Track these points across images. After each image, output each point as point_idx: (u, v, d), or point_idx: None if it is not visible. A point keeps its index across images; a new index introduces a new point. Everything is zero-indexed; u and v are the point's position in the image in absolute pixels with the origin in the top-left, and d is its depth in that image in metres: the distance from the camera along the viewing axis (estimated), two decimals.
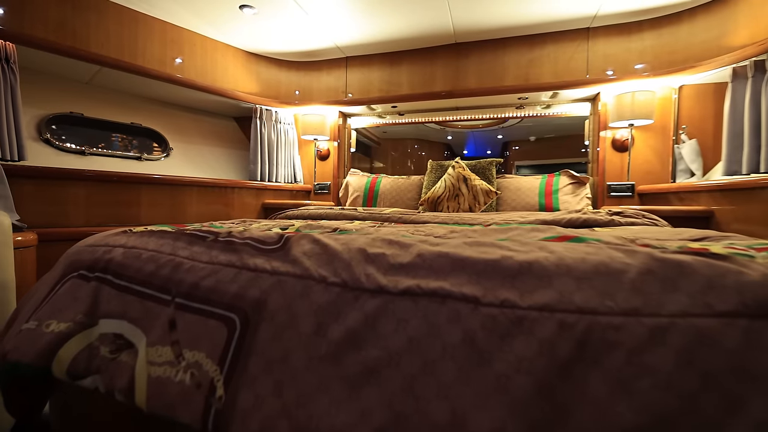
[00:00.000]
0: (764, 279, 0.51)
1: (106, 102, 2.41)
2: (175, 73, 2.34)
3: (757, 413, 0.45)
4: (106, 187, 1.98)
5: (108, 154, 2.30)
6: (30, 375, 0.75)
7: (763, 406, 0.45)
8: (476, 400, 0.54)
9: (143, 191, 2.12)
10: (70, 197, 1.86)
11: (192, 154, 2.75)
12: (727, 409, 0.46)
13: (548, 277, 0.59)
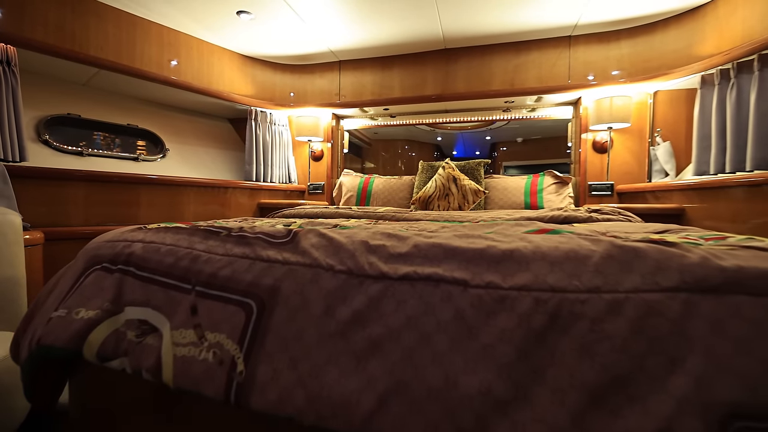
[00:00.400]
0: (702, 261, 0.62)
1: (103, 103, 2.45)
2: (172, 76, 2.40)
3: (693, 369, 0.55)
4: (105, 187, 2.03)
5: (106, 155, 2.34)
6: (62, 358, 0.82)
7: (698, 363, 0.55)
8: (466, 366, 0.63)
9: (142, 191, 2.17)
10: (71, 197, 1.91)
11: (188, 155, 2.80)
12: (669, 367, 0.56)
13: (526, 262, 0.69)
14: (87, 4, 2.02)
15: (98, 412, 0.95)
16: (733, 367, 0.54)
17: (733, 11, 2.00)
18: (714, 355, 0.55)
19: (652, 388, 0.56)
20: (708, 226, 2.03)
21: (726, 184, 1.91)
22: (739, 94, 1.96)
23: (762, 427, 0.50)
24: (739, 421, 0.51)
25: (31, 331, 0.89)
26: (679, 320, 0.58)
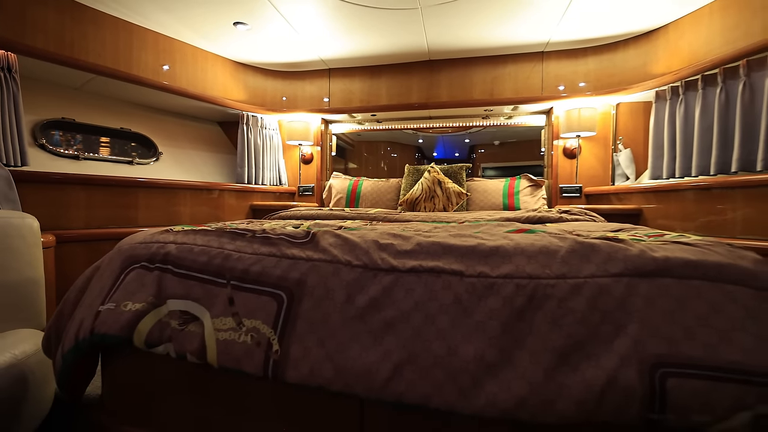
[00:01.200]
0: (640, 253, 0.81)
1: (96, 107, 2.49)
2: (168, 82, 2.46)
3: (632, 333, 0.74)
4: (105, 190, 2.09)
5: (101, 158, 2.38)
6: (114, 344, 0.93)
7: (635, 329, 0.74)
8: (463, 338, 0.80)
9: (140, 194, 2.24)
10: (72, 201, 1.96)
11: (180, 158, 2.86)
12: (615, 332, 0.75)
13: (509, 256, 0.87)
14: (85, 13, 2.07)
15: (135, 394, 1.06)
16: (660, 330, 0.73)
17: (681, 35, 2.27)
18: (647, 323, 0.74)
19: (603, 348, 0.74)
20: (662, 225, 2.31)
21: (676, 187, 2.18)
22: (686, 109, 2.23)
23: (677, 371, 0.69)
24: (662, 368, 0.70)
25: (75, 325, 1.00)
26: (623, 298, 0.77)
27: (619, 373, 0.71)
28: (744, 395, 0.66)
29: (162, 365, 1.01)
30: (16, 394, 1.06)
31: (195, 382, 1.00)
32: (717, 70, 2.06)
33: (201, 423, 0.99)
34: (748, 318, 0.71)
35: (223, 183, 2.79)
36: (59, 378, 1.08)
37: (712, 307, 0.73)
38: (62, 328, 1.13)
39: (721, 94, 2.04)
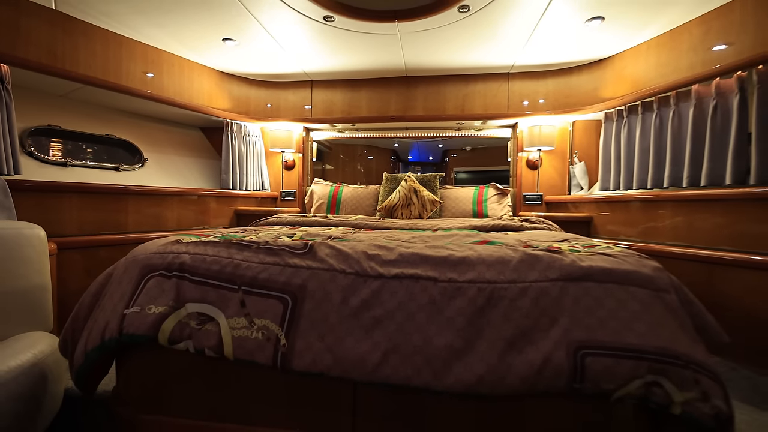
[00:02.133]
0: (571, 262, 1.06)
1: (80, 114, 2.53)
2: (156, 92, 2.54)
3: (563, 324, 0.98)
4: (96, 197, 2.16)
5: (88, 165, 2.43)
6: (140, 343, 1.08)
7: (566, 321, 0.98)
8: (437, 331, 1.01)
9: (130, 201, 2.32)
10: (65, 208, 2.03)
11: (165, 164, 2.93)
12: (550, 324, 0.98)
13: (473, 265, 1.09)
14: (77, 25, 2.13)
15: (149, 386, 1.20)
16: (582, 322, 0.97)
17: (626, 66, 2.60)
18: (573, 316, 0.98)
19: (541, 336, 0.97)
20: (609, 230, 2.63)
21: (621, 199, 2.51)
22: (629, 130, 2.56)
23: (593, 351, 0.93)
24: (583, 350, 0.93)
25: (99, 326, 1.13)
26: (557, 297, 1.01)
27: (552, 355, 0.94)
28: (638, 368, 0.91)
29: (174, 359, 1.16)
30: (38, 389, 1.18)
31: (205, 373, 1.16)
32: (653, 99, 2.39)
33: (212, 409, 1.16)
34: (644, 312, 0.97)
35: (208, 189, 2.88)
36: (78, 374, 1.21)
37: (619, 304, 0.98)
38: (78, 330, 1.26)
39: (656, 119, 2.37)
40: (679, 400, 0.88)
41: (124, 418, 1.21)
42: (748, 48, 1.87)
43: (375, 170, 4.97)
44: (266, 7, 2.03)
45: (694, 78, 2.12)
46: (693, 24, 2.14)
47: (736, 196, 1.83)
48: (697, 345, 0.95)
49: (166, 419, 1.18)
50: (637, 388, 0.90)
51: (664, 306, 0.98)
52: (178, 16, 2.14)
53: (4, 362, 1.11)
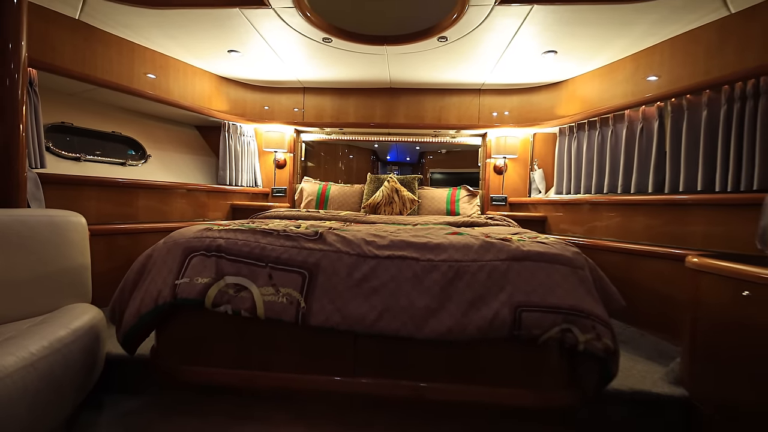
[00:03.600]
0: (516, 247, 1.45)
1: (89, 112, 2.72)
2: (162, 95, 2.77)
3: (508, 290, 1.36)
4: (111, 190, 2.39)
5: (99, 160, 2.64)
6: (189, 306, 1.38)
7: (510, 288, 1.36)
8: (418, 296, 1.38)
9: (140, 194, 2.55)
10: (84, 199, 2.25)
11: (165, 160, 3.15)
12: (499, 290, 1.37)
13: (445, 249, 1.46)
14: (95, 33, 2.34)
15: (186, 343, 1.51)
16: (521, 289, 1.36)
17: (577, 88, 3.07)
18: (515, 285, 1.37)
19: (492, 299, 1.36)
20: (561, 228, 3.09)
21: (570, 202, 2.97)
22: (578, 144, 3.04)
23: (527, 309, 1.32)
24: (520, 308, 1.32)
25: (152, 294, 1.42)
26: (505, 272, 1.40)
27: (500, 312, 1.33)
28: (556, 319, 1.31)
29: (209, 321, 1.47)
30: (95, 348, 1.45)
31: (234, 330, 1.47)
32: (597, 119, 2.87)
33: (241, 359, 1.48)
34: (564, 282, 1.37)
35: (208, 184, 3.13)
36: (126, 335, 1.49)
37: (547, 276, 1.38)
38: (125, 301, 1.55)
39: (599, 136, 2.85)
40: (582, 340, 1.29)
41: (165, 369, 1.51)
42: (666, 83, 2.36)
43: (356, 168, 5.26)
44: (272, 27, 2.32)
45: (627, 105, 2.60)
46: (627, 60, 2.62)
47: (654, 202, 2.31)
48: (597, 304, 1.36)
49: (202, 368, 1.49)
50: (556, 332, 1.31)
51: (577, 278, 1.40)
52: (190, 30, 2.39)
53: (72, 324, 1.38)
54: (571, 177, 3.11)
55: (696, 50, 2.18)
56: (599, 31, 2.27)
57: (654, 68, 2.43)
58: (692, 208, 2.12)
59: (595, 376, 1.37)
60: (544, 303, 1.33)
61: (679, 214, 2.17)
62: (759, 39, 1.89)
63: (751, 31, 1.93)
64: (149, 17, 2.20)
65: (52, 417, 1.22)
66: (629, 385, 1.61)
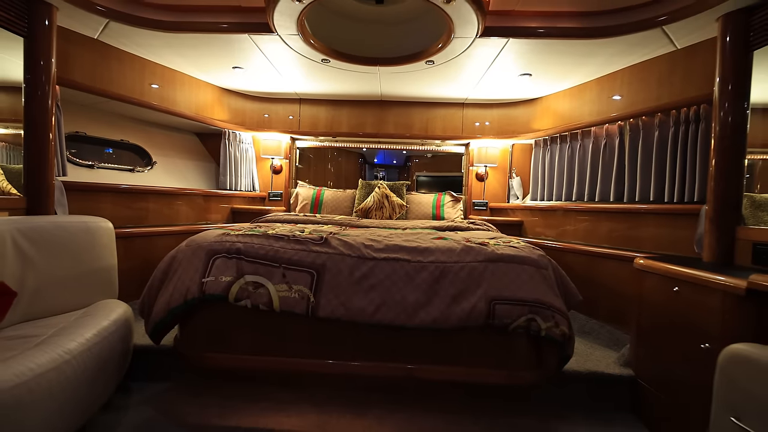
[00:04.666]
0: (492, 251, 1.73)
1: (98, 121, 2.89)
2: (169, 106, 2.96)
3: (485, 286, 1.64)
4: (124, 196, 2.58)
5: (110, 167, 2.82)
6: (215, 301, 1.61)
7: (486, 284, 1.64)
8: (410, 292, 1.64)
9: (150, 199, 2.74)
10: (100, 204, 2.44)
11: (169, 166, 3.33)
12: (477, 286, 1.65)
13: (432, 252, 1.74)
14: (111, 51, 2.52)
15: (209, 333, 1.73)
16: (494, 285, 1.64)
17: (550, 105, 3.39)
18: (490, 282, 1.65)
19: (471, 293, 1.63)
20: (536, 232, 3.41)
21: (544, 208, 3.29)
22: (551, 155, 3.36)
23: (499, 302, 1.60)
24: (494, 301, 1.61)
25: (180, 291, 1.65)
26: (482, 271, 1.68)
27: (477, 305, 1.61)
28: (523, 310, 1.59)
29: (230, 314, 1.70)
30: (128, 337, 1.67)
31: (252, 322, 1.71)
32: (567, 133, 3.19)
33: (257, 345, 1.72)
34: (530, 279, 1.66)
35: (210, 189, 3.33)
36: (155, 327, 1.71)
37: (516, 275, 1.67)
38: (153, 297, 1.77)
39: (569, 149, 3.18)
40: (544, 327, 1.58)
41: (190, 356, 1.74)
42: (625, 105, 2.69)
43: (344, 170, 5.47)
44: (275, 48, 2.54)
45: (593, 122, 2.93)
46: (593, 83, 2.95)
47: (615, 210, 2.64)
48: (556, 298, 1.66)
49: (223, 354, 1.72)
50: (523, 321, 1.59)
51: (541, 277, 1.69)
52: (200, 49, 2.60)
53: (111, 316, 1.59)
54: (545, 185, 3.43)
55: (649, 78, 2.51)
56: (567, 58, 2.58)
57: (615, 91, 2.76)
58: (646, 216, 2.45)
59: (555, 358, 1.67)
60: (513, 297, 1.61)
61: (636, 221, 2.51)
62: (699, 72, 2.22)
63: (694, 65, 2.26)
64: (164, 39, 2.40)
65: (101, 393, 1.44)
66: (588, 367, 1.92)
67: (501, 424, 1.69)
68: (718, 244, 1.86)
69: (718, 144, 1.87)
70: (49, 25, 2.02)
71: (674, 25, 2.02)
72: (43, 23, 1.99)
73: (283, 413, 1.70)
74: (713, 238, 1.88)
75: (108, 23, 2.21)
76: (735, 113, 1.83)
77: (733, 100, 1.84)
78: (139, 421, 1.62)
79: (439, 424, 1.67)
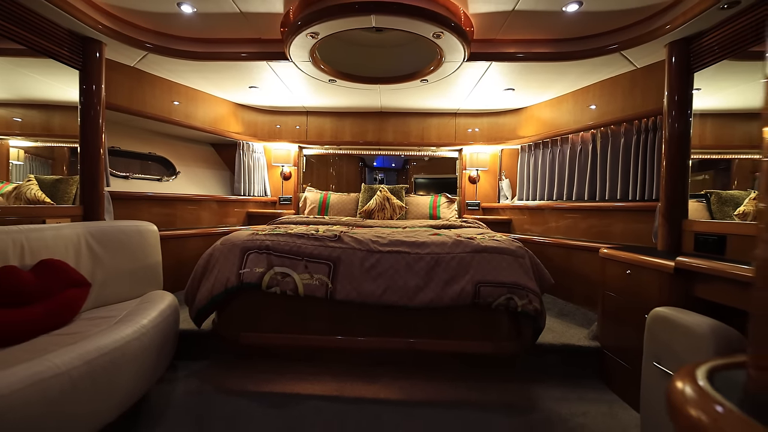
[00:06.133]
0: (477, 243, 2.10)
1: (126, 135, 3.24)
2: (191, 122, 3.32)
3: (472, 272, 2.00)
4: (158, 203, 2.93)
5: (142, 177, 3.17)
6: (250, 288, 1.97)
7: (473, 270, 2.00)
8: (410, 278, 2.00)
9: (178, 205, 3.09)
10: (139, 210, 2.79)
11: (190, 175, 3.68)
12: (465, 272, 2.01)
13: (428, 245, 2.10)
14: (145, 76, 2.88)
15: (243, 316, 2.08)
16: (479, 271, 2.00)
17: (533, 114, 3.76)
18: (476, 269, 2.01)
19: (461, 278, 1.99)
20: (524, 228, 3.77)
21: (530, 207, 3.66)
22: (534, 160, 3.73)
23: (484, 285, 1.96)
24: (480, 284, 1.97)
25: (221, 281, 2.00)
26: (469, 260, 2.03)
27: (465, 287, 1.97)
28: (503, 291, 1.95)
29: (261, 299, 2.05)
30: (177, 320, 2.01)
31: (280, 305, 2.06)
32: (549, 140, 3.56)
33: (284, 325, 2.07)
34: (509, 266, 2.02)
35: (228, 196, 3.68)
36: (198, 312, 2.06)
37: (497, 263, 2.03)
38: (196, 287, 2.12)
39: (550, 154, 3.54)
40: (520, 304, 1.94)
41: (227, 336, 2.08)
42: (597, 116, 3.06)
43: (345, 173, 5.82)
44: (287, 70, 2.90)
45: (570, 130, 3.30)
46: (569, 96, 3.32)
47: (589, 208, 3.01)
48: (531, 281, 2.01)
49: (256, 334, 2.07)
50: (503, 300, 1.95)
51: (518, 264, 2.05)
52: (222, 73, 2.96)
53: (164, 302, 1.94)
54: (530, 186, 3.80)
55: (616, 92, 2.89)
56: (543, 76, 2.95)
57: (589, 102, 3.13)
58: (614, 213, 2.82)
59: (530, 330, 2.03)
60: (495, 280, 1.97)
61: (607, 217, 2.87)
62: (655, 88, 2.59)
63: (651, 82, 2.63)
64: (192, 65, 2.75)
65: (163, 363, 1.79)
66: (563, 341, 2.28)
67: (490, 387, 2.04)
68: (669, 235, 2.22)
69: (667, 149, 2.24)
70: (99, 58, 2.38)
71: (631, 50, 2.39)
72: (94, 57, 2.35)
73: (306, 382, 2.05)
74: (665, 230, 2.25)
75: (146, 54, 2.57)
76: (680, 123, 2.20)
77: (678, 113, 2.21)
78: (189, 389, 1.96)
79: (438, 388, 2.02)
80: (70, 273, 1.75)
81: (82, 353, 1.27)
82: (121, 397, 1.41)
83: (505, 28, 2.39)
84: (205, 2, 2.11)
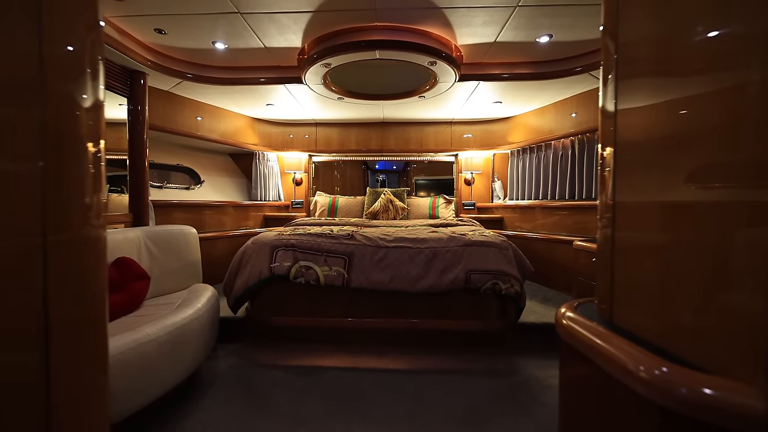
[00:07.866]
0: (468, 238, 2.50)
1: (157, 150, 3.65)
2: (213, 136, 3.73)
3: (463, 263, 2.40)
4: (189, 209, 3.34)
5: (173, 186, 3.57)
6: (279, 279, 2.37)
7: (465, 260, 2.40)
8: (412, 268, 2.40)
9: (206, 211, 3.50)
10: (174, 215, 3.20)
11: (212, 183, 4.09)
12: (458, 263, 2.41)
13: (427, 241, 2.50)
14: (177, 98, 3.29)
15: (271, 303, 2.49)
16: (470, 261, 2.40)
17: (521, 122, 4.16)
18: (468, 259, 2.41)
19: (454, 268, 2.39)
20: (514, 226, 4.17)
21: (520, 206, 4.06)
22: (523, 163, 4.13)
23: (474, 272, 2.36)
24: (470, 272, 2.37)
25: (255, 273, 2.40)
26: (461, 253, 2.43)
27: (458, 275, 2.37)
28: (489, 277, 2.35)
29: (288, 288, 2.45)
30: (218, 308, 2.41)
31: (305, 293, 2.46)
32: (534, 145, 3.96)
33: (308, 309, 2.47)
34: (495, 257, 2.42)
35: (246, 201, 4.09)
36: (236, 300, 2.47)
37: (485, 254, 2.43)
38: (232, 280, 2.52)
39: (536, 158, 3.94)
40: (504, 288, 2.34)
41: (260, 320, 2.49)
42: (575, 125, 3.46)
43: (349, 176, 6.21)
44: (301, 90, 3.30)
45: (553, 137, 3.70)
46: (551, 107, 3.72)
47: (570, 206, 3.41)
48: (513, 268, 2.41)
49: (283, 317, 2.47)
50: (490, 285, 2.35)
51: (502, 254, 2.45)
52: (243, 94, 3.36)
53: (207, 293, 2.34)
54: (520, 187, 4.20)
55: (590, 104, 3.29)
56: (526, 92, 3.35)
57: (569, 112, 3.53)
58: (590, 210, 3.21)
59: (513, 309, 2.43)
60: (483, 269, 2.37)
61: (585, 214, 3.27)
62: None
63: None
64: (217, 89, 3.16)
65: (210, 343, 2.19)
66: (543, 321, 2.68)
67: (482, 359, 2.44)
68: None
69: None
70: (143, 86, 2.79)
71: (596, 70, 2.79)
72: (139, 84, 2.76)
73: (326, 357, 2.45)
74: None
75: (181, 81, 2.97)
76: None
77: None
78: (230, 364, 2.37)
79: (438, 360, 2.42)
80: (137, 268, 2.15)
81: (165, 326, 1.68)
82: (189, 361, 1.82)
83: (489, 54, 2.79)
84: (235, 40, 2.51)
